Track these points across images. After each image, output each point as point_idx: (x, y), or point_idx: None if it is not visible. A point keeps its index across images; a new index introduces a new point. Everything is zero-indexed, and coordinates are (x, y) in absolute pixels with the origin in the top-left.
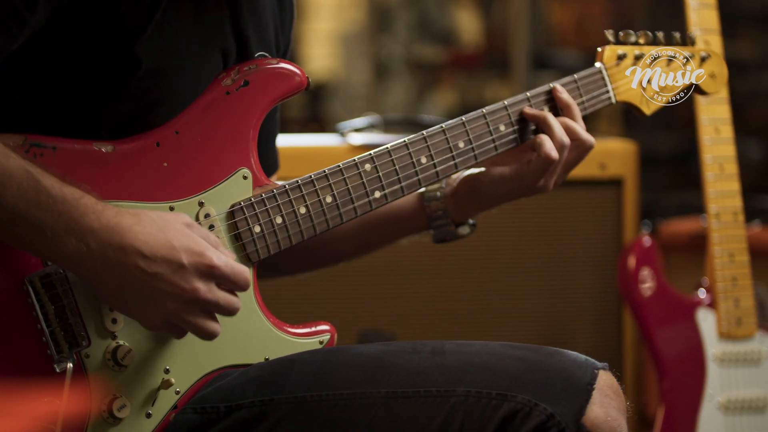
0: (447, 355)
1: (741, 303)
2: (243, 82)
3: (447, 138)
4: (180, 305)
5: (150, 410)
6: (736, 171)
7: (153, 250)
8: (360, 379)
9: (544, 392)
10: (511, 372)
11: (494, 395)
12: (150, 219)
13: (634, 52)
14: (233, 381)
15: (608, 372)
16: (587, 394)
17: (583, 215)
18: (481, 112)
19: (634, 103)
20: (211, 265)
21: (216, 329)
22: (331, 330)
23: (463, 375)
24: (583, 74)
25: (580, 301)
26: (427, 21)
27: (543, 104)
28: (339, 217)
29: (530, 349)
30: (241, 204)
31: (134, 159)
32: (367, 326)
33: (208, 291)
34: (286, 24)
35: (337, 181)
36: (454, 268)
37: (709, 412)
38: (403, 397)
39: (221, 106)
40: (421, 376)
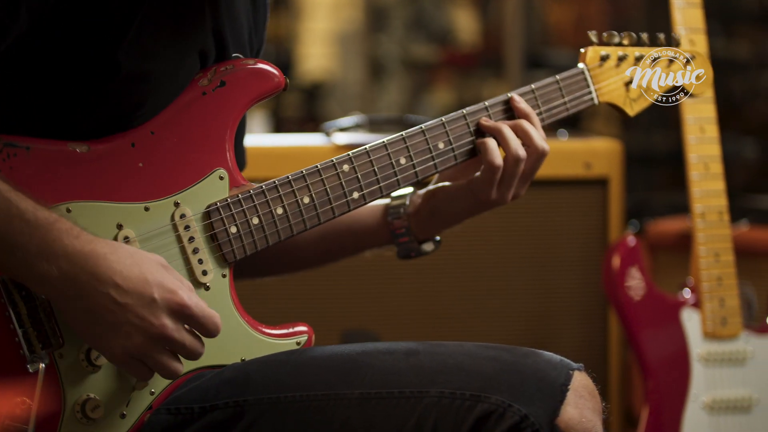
0: (421, 355)
1: (726, 303)
2: (219, 83)
3: (426, 138)
4: (145, 340)
5: (124, 411)
6: (722, 170)
7: (126, 281)
8: (334, 380)
9: (518, 393)
10: (485, 373)
11: (468, 396)
12: (126, 251)
13: (618, 53)
14: (208, 382)
15: (584, 373)
16: (561, 395)
17: (568, 215)
18: (462, 113)
19: (618, 104)
20: (182, 304)
21: (179, 369)
22: (309, 331)
23: (437, 376)
24: (566, 75)
25: (566, 300)
26: (424, 20)
27: (502, 114)
28: (317, 218)
29: (505, 349)
30: (218, 204)
31: (109, 159)
32: (352, 326)
33: (176, 330)
34: (259, 25)
35: (315, 182)
36: (438, 268)
37: (694, 412)
38: (377, 398)
39: (197, 107)
40: (395, 376)
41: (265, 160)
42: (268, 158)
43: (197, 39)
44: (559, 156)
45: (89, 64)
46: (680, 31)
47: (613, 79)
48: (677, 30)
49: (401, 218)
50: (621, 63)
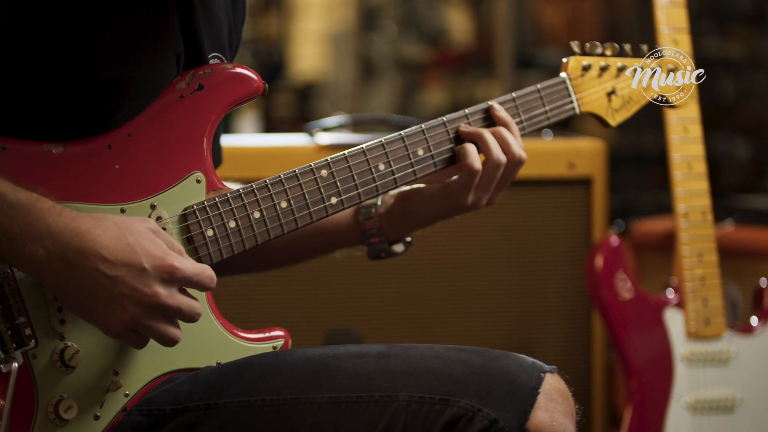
0: (392, 359)
1: (709, 303)
2: (198, 86)
3: (406, 145)
4: (140, 310)
5: (98, 412)
6: (705, 170)
7: (113, 254)
8: (304, 383)
9: (488, 397)
10: (455, 376)
11: (437, 400)
12: (111, 223)
13: (600, 64)
14: (181, 384)
15: (556, 375)
16: (532, 399)
17: (552, 215)
18: (442, 120)
19: (600, 114)
20: (172, 268)
21: (177, 335)
22: (285, 336)
23: (407, 379)
24: (547, 84)
25: (550, 301)
26: (417, 20)
27: (481, 122)
28: (294, 222)
29: (477, 352)
30: (194, 207)
31: (85, 161)
32: (336, 327)
33: (169, 296)
34: (238, 21)
35: (293, 186)
36: (422, 269)
37: (676, 412)
38: (346, 402)
39: (175, 110)
40: (365, 380)
41: (247, 160)
42: (250, 158)
43: (173, 43)
44: (542, 156)
45: (66, 70)
46: (664, 31)
47: (595, 89)
48: (661, 29)
49: (372, 218)
50: (603, 73)
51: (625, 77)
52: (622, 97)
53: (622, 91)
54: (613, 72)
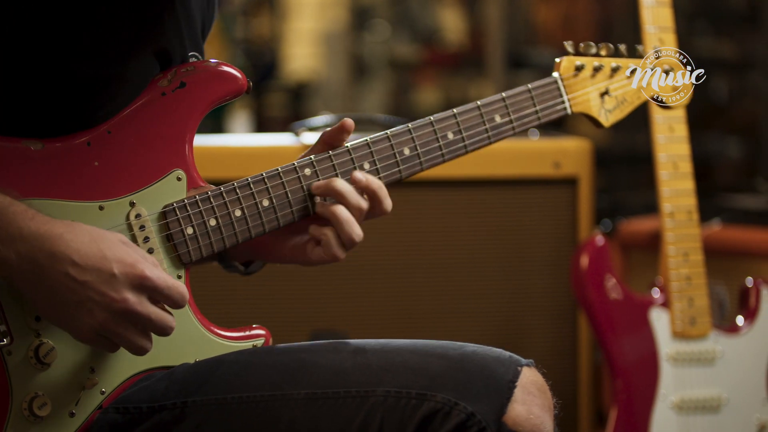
0: (368, 354)
1: (695, 302)
2: (180, 84)
3: (392, 144)
4: (109, 315)
5: (74, 409)
6: (691, 169)
7: (84, 259)
8: (280, 380)
9: (465, 391)
10: (431, 371)
11: (414, 395)
12: (83, 229)
13: (594, 64)
14: (157, 382)
15: (533, 369)
16: (509, 392)
17: (537, 215)
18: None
19: (593, 115)
20: (143, 276)
21: (146, 346)
22: (266, 335)
23: (384, 374)
24: (538, 84)
25: (536, 300)
26: (410, 20)
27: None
28: (276, 221)
29: (453, 347)
30: (174, 205)
31: (64, 157)
32: (322, 326)
33: (139, 303)
34: (210, 18)
35: (275, 185)
36: (408, 268)
37: (662, 412)
38: (323, 398)
39: (156, 107)
40: (342, 376)
41: (232, 159)
42: (235, 158)
43: (154, 41)
44: (528, 155)
45: (45, 68)
46: (650, 30)
47: (588, 89)
48: (646, 29)
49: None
50: (596, 73)
51: (619, 78)
52: (616, 97)
53: (616, 92)
54: (607, 72)
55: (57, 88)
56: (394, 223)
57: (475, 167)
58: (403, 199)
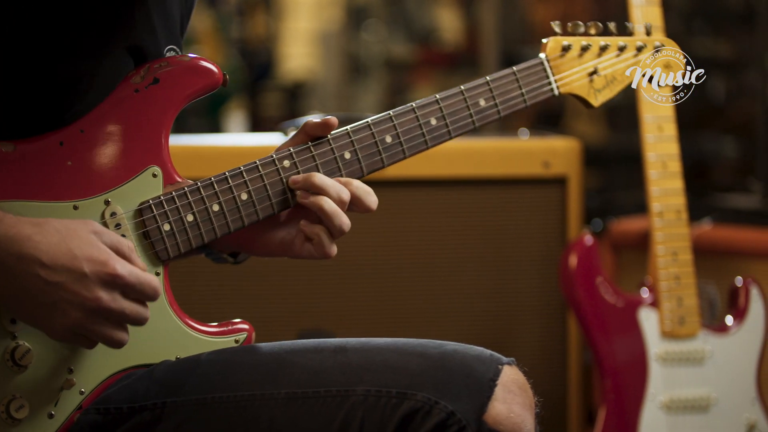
0: (349, 353)
1: (684, 302)
2: (153, 80)
3: (373, 132)
4: (83, 314)
5: (53, 411)
6: (680, 169)
7: (53, 260)
8: (261, 379)
9: (445, 390)
10: (412, 370)
11: (394, 394)
12: (53, 228)
13: (581, 43)
14: (137, 381)
15: (514, 367)
16: (489, 391)
17: (527, 214)
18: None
19: (581, 95)
20: (114, 274)
21: (123, 338)
22: (249, 329)
23: (364, 373)
24: (523, 66)
25: (525, 300)
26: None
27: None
28: (255, 214)
29: (434, 345)
30: (150, 202)
31: (37, 158)
32: (309, 326)
33: (112, 300)
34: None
35: (253, 178)
36: (397, 267)
37: (651, 411)
38: (303, 398)
39: (130, 104)
40: (322, 375)
41: (219, 159)
42: (222, 157)
43: (127, 37)
44: (517, 155)
45: (12, 67)
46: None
47: (575, 69)
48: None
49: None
50: (584, 53)
51: (608, 57)
52: (605, 77)
53: (605, 71)
54: (595, 51)
55: (26, 86)
56: (382, 223)
57: (464, 166)
58: (391, 199)
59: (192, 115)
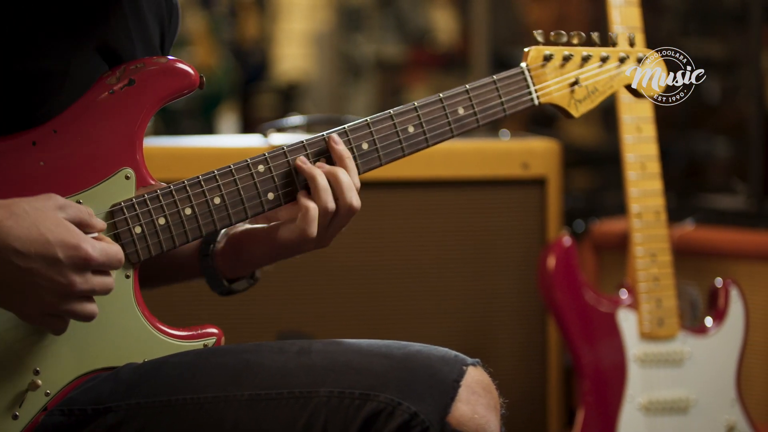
0: (313, 354)
1: (663, 303)
2: (128, 81)
3: (350, 139)
4: (56, 298)
5: (17, 411)
6: (659, 170)
7: (26, 246)
8: (224, 381)
9: (408, 390)
10: (375, 371)
11: (357, 395)
12: (23, 210)
13: (563, 53)
14: (103, 383)
15: (479, 368)
16: (453, 392)
17: (506, 215)
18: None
19: (562, 106)
20: (87, 257)
21: (93, 310)
22: (218, 333)
23: (327, 375)
24: (504, 75)
25: (504, 301)
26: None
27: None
28: (227, 218)
29: (398, 346)
30: (122, 204)
31: (8, 158)
32: (288, 327)
33: (84, 282)
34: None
35: (227, 182)
36: (375, 269)
37: (630, 413)
38: (266, 399)
39: (104, 106)
40: (286, 377)
41: (197, 161)
42: (200, 159)
43: (98, 36)
44: (496, 156)
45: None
46: (618, 30)
47: (556, 79)
48: (614, 29)
49: (208, 257)
50: (566, 63)
51: (590, 67)
52: (587, 87)
53: (587, 81)
54: (577, 62)
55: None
56: (361, 224)
57: (443, 168)
58: (370, 200)
59: (185, 117)
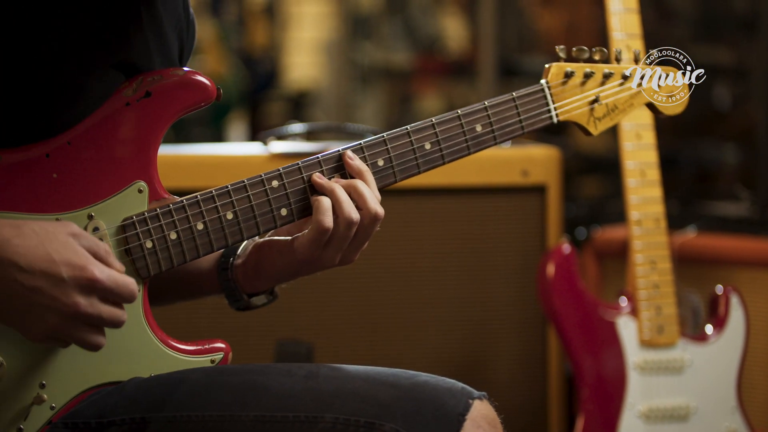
0: (320, 379)
1: (663, 310)
2: (145, 93)
3: (366, 156)
4: (60, 320)
5: (22, 425)
6: (659, 177)
7: (31, 264)
8: (230, 400)
9: (413, 421)
10: (381, 399)
11: (362, 423)
12: (31, 230)
13: (584, 70)
14: (108, 397)
15: (485, 402)
16: (458, 425)
17: (506, 223)
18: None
19: (581, 123)
20: (92, 279)
21: (100, 341)
22: (226, 349)
23: (333, 400)
24: (524, 92)
25: (504, 309)
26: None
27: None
28: (239, 233)
29: (406, 375)
30: (134, 218)
31: (21, 170)
32: (287, 336)
33: (90, 305)
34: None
35: (240, 198)
36: (375, 277)
37: (629, 420)
38: (271, 422)
39: (120, 118)
40: (292, 400)
41: (197, 169)
42: (200, 167)
43: (118, 53)
44: (496, 163)
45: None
46: (617, 37)
47: (576, 97)
48: (614, 35)
49: (228, 271)
50: (587, 81)
51: (611, 85)
52: (607, 105)
53: (607, 99)
54: (599, 79)
55: (11, 96)
56: None
57: (443, 175)
58: None
59: (195, 125)
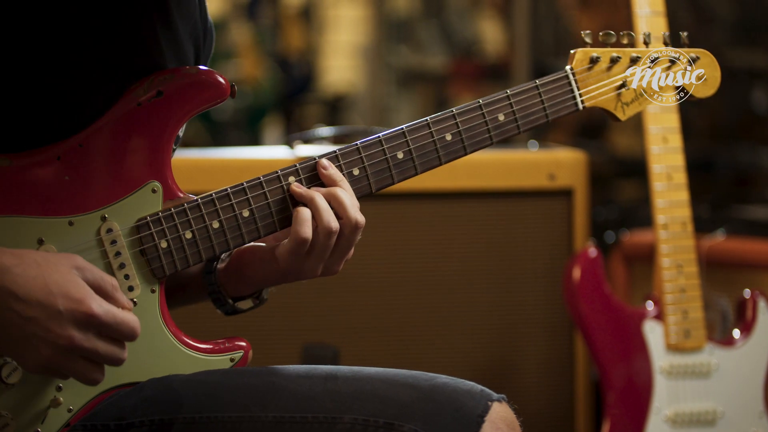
0: (339, 380)
1: (690, 315)
2: (156, 93)
3: (384, 149)
4: (55, 352)
5: (39, 428)
6: (685, 180)
7: (28, 294)
8: (249, 401)
9: (433, 422)
10: (400, 400)
11: (381, 423)
12: (33, 260)
13: (611, 55)
14: (126, 398)
15: (504, 404)
16: (476, 427)
17: (532, 226)
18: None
19: (608, 109)
20: (89, 314)
21: (97, 377)
22: (246, 347)
23: (353, 402)
24: (547, 80)
25: (531, 313)
26: (448, 32)
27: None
28: (256, 231)
29: (425, 377)
30: (148, 219)
31: (33, 173)
32: (314, 339)
33: (86, 339)
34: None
35: (257, 195)
36: (402, 281)
37: (656, 425)
38: (291, 422)
39: (131, 118)
40: (311, 401)
41: (223, 172)
42: (226, 171)
43: (131, 57)
44: (523, 167)
45: (10, 78)
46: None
47: (603, 82)
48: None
49: (212, 275)
50: (613, 66)
51: (639, 69)
52: (635, 90)
53: (634, 84)
54: (626, 63)
55: (23, 99)
56: (387, 236)
57: (469, 179)
58: (396, 212)
59: (231, 128)
